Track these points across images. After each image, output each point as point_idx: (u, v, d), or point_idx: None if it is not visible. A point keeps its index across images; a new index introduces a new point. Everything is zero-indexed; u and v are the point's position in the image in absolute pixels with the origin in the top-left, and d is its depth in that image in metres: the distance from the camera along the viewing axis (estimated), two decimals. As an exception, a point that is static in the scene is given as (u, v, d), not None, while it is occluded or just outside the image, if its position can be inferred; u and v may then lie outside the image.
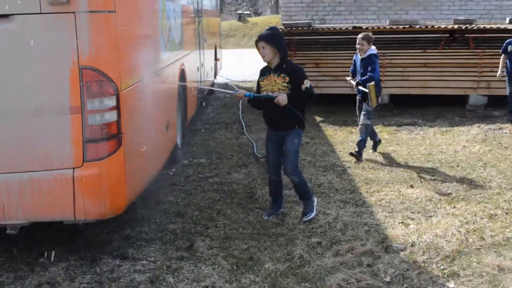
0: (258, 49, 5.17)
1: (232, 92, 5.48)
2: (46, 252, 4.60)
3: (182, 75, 7.44)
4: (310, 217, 5.33)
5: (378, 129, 9.25)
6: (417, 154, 7.78)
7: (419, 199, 5.86)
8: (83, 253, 4.68)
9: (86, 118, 4.12)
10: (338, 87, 10.83)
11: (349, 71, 10.91)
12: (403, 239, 4.85)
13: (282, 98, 5.00)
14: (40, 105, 4.10)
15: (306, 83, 5.06)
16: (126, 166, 4.43)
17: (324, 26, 12.15)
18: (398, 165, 7.26)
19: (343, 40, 11.14)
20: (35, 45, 4.04)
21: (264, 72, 5.26)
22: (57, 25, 4.02)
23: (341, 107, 10.93)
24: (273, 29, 5.25)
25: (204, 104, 10.81)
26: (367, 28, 11.10)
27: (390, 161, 7.47)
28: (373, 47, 7.58)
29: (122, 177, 4.39)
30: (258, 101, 5.30)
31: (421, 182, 6.49)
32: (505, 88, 10.30)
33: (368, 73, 7.35)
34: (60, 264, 4.46)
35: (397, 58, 10.76)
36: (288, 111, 5.07)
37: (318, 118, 10.35)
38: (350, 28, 11.15)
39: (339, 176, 6.79)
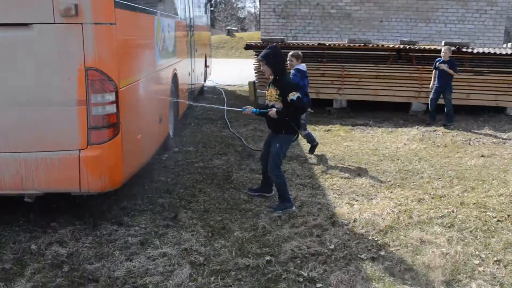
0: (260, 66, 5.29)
1: (241, 110, 5.33)
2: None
3: (175, 78, 7.40)
4: (274, 212, 5.03)
5: (336, 128, 9.38)
6: (366, 149, 7.84)
7: (364, 185, 5.96)
8: (87, 219, 4.71)
9: (90, 109, 4.15)
10: (305, 93, 10.96)
11: (314, 80, 11.06)
12: (347, 216, 4.94)
13: (272, 114, 4.97)
14: (53, 98, 4.13)
15: (291, 96, 4.86)
16: (123, 149, 4.45)
17: (295, 41, 12.17)
18: (350, 157, 7.30)
19: (310, 54, 11.11)
20: (49, 49, 4.07)
21: (269, 84, 5.21)
22: (67, 33, 4.04)
23: (307, 109, 11.05)
24: (270, 49, 5.09)
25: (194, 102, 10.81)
26: (329, 44, 11.16)
27: (343, 154, 7.51)
28: (303, 64, 7.23)
29: (119, 158, 4.42)
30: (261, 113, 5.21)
31: (367, 171, 6.57)
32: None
33: None
34: (68, 227, 4.51)
35: (353, 70, 10.78)
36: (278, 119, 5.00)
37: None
38: (315, 44, 11.19)
39: (301, 164, 6.85)
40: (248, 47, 11.70)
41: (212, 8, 21.41)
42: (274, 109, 4.99)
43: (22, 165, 4.19)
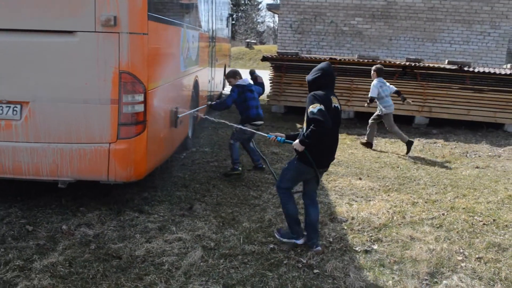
0: None
1: (268, 135, 4.52)
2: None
3: (196, 84, 7.68)
4: (276, 235, 4.42)
5: (342, 136, 9.58)
6: (369, 156, 8.03)
7: (364, 188, 6.17)
8: (112, 206, 5.01)
9: (121, 108, 4.46)
10: (315, 103, 11.19)
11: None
12: (346, 214, 5.17)
13: (296, 145, 4.05)
14: (89, 96, 4.43)
15: (312, 107, 3.90)
16: (148, 145, 4.73)
17: (308, 55, 12.42)
18: (354, 163, 7.51)
19: (322, 67, 11.42)
20: (89, 53, 4.38)
21: None
22: (106, 41, 4.36)
23: (317, 118, 11.28)
24: (321, 65, 4.24)
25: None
26: (340, 59, 11.41)
27: (347, 160, 7.72)
28: (246, 78, 6.58)
29: (144, 152, 4.69)
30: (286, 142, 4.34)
31: (368, 176, 6.76)
32: (443, 112, 10.70)
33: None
34: (95, 212, 4.81)
35: (361, 84, 10.96)
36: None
37: (298, 125, 10.58)
38: (327, 58, 11.44)
39: (308, 168, 7.09)
40: (264, 59, 11.98)
41: (233, 22, 21.77)
42: (297, 141, 4.07)
43: (58, 155, 4.50)
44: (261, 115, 6.44)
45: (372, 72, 8.66)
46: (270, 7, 21.27)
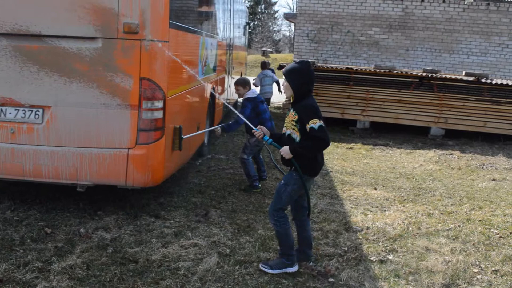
0: None
1: (255, 129, 4.04)
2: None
3: (213, 92, 7.79)
4: (264, 268, 3.93)
5: (357, 146, 9.58)
6: (384, 167, 8.00)
7: (379, 198, 6.15)
8: (129, 210, 5.06)
9: (141, 113, 4.51)
10: (331, 112, 11.18)
11: (340, 101, 11.30)
12: (361, 223, 5.16)
13: (285, 152, 3.72)
14: (110, 101, 4.50)
15: (312, 123, 3.58)
16: (165, 151, 4.79)
17: (324, 65, 12.45)
18: (369, 173, 7.49)
19: (338, 77, 11.41)
20: (111, 59, 4.46)
21: (289, 107, 3.95)
22: (128, 47, 4.43)
23: (331, 127, 11.23)
24: (296, 64, 3.84)
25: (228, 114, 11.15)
26: (356, 69, 11.42)
27: (363, 170, 7.70)
28: (254, 89, 6.30)
29: (162, 158, 4.74)
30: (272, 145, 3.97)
31: (383, 186, 6.75)
32: (459, 124, 10.62)
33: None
34: (112, 216, 4.86)
35: (378, 94, 10.96)
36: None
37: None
38: (344, 68, 11.47)
39: (323, 177, 7.05)
40: (281, 67, 12.01)
41: (250, 30, 21.90)
42: (287, 147, 3.72)
43: (78, 159, 4.57)
44: (274, 126, 6.24)
45: None
46: (287, 16, 21.37)
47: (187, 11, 5.90)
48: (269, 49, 38.05)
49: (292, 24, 32.59)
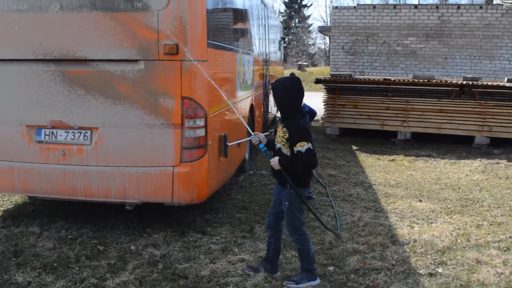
0: None
1: (253, 135, 4.04)
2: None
3: (251, 108, 7.87)
4: (290, 285, 3.95)
5: (399, 158, 9.45)
6: (428, 178, 7.86)
7: (425, 210, 6.05)
8: (176, 227, 5.17)
9: (184, 132, 4.63)
10: (371, 124, 11.12)
11: (379, 112, 11.19)
12: (408, 236, 5.10)
13: (274, 162, 3.79)
14: (154, 121, 4.64)
15: (300, 146, 3.62)
16: (209, 168, 4.89)
17: (361, 77, 12.39)
18: (413, 185, 7.37)
19: (376, 88, 11.33)
20: (153, 80, 4.61)
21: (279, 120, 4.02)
22: (168, 68, 4.57)
23: (372, 139, 11.18)
24: (284, 80, 3.86)
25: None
26: (394, 80, 11.32)
27: (406, 182, 7.59)
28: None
29: (206, 175, 4.85)
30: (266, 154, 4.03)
31: (428, 198, 6.64)
32: (504, 132, 10.35)
33: None
34: (160, 233, 4.98)
35: (418, 104, 10.82)
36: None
37: (354, 147, 10.56)
38: (381, 79, 11.40)
39: (366, 190, 7.02)
40: (318, 81, 12.06)
41: (285, 45, 22.07)
42: (276, 158, 3.78)
43: (126, 178, 4.73)
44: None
45: None
46: (321, 30, 21.43)
47: (224, 30, 6.04)
48: (305, 63, 38.12)
49: (327, 37, 32.61)
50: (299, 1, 55.51)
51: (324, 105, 11.86)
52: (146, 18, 4.53)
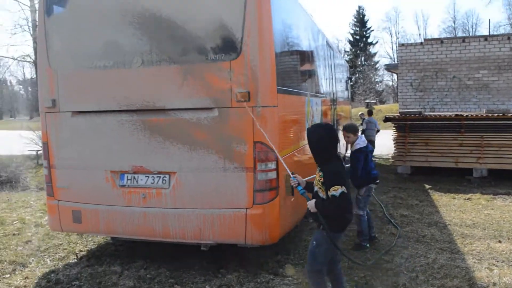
0: None
1: (292, 177, 4.20)
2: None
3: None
4: None
5: (476, 196, 9.11)
6: (508, 217, 7.52)
7: (505, 252, 5.81)
8: (248, 268, 5.28)
9: (256, 175, 4.80)
10: (444, 162, 10.86)
11: (453, 149, 10.87)
12: (486, 279, 4.91)
13: (310, 205, 3.90)
14: (228, 165, 4.87)
15: (333, 190, 3.72)
16: (280, 210, 5.01)
17: (432, 113, 12.17)
18: (491, 225, 7.10)
19: (447, 125, 11.10)
20: (226, 126, 4.85)
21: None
22: (241, 115, 4.80)
23: (446, 177, 10.87)
24: (316, 126, 4.16)
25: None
26: (467, 115, 11.04)
27: (484, 221, 7.31)
28: (362, 136, 6.15)
29: (277, 216, 4.96)
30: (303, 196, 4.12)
31: (508, 239, 6.35)
32: None
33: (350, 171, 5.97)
34: (234, 273, 5.11)
35: (493, 139, 10.47)
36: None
37: (426, 186, 10.32)
38: (453, 115, 11.15)
39: (440, 230, 6.83)
40: (387, 119, 11.99)
41: (351, 83, 22.12)
42: (313, 201, 3.90)
43: (201, 219, 4.95)
44: (378, 174, 6.30)
45: None
46: (388, 68, 21.32)
47: (292, 74, 6.26)
48: (372, 101, 37.86)
49: (395, 74, 32.27)
50: (364, 39, 55.67)
51: (394, 143, 11.74)
52: (220, 69, 4.82)
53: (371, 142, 14.04)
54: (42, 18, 5.51)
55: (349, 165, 6.10)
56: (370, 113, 15.33)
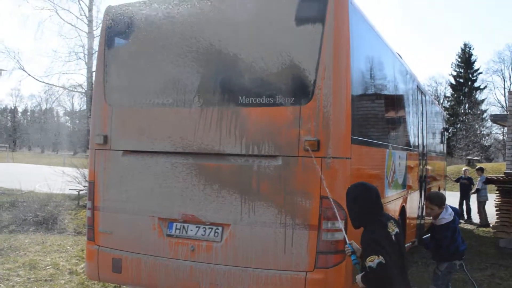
0: None
1: (348, 244, 4.44)
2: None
3: (402, 211, 7.92)
4: None
5: None
6: None
7: None
8: None
9: (321, 234, 4.92)
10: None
11: None
12: None
13: (358, 280, 4.17)
14: (288, 220, 5.03)
15: (370, 261, 3.93)
16: (346, 276, 5.05)
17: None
18: None
19: None
20: (291, 177, 5.03)
21: None
22: (308, 165, 4.97)
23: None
24: (350, 187, 4.50)
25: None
26: None
27: None
28: (450, 210, 6.16)
29: (342, 284, 5.02)
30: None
31: None
32: None
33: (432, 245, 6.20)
34: None
35: None
36: None
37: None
38: None
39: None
40: (488, 181, 11.81)
41: (449, 135, 21.85)
42: (360, 276, 4.16)
43: (254, 280, 5.11)
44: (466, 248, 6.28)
45: None
46: (495, 119, 20.77)
47: (371, 124, 6.44)
48: (475, 157, 36.87)
49: (505, 128, 31.35)
50: (469, 83, 54.54)
51: (496, 210, 11.50)
52: (288, 113, 5.06)
53: (482, 204, 14.96)
54: (102, 49, 6.10)
55: (429, 235, 6.16)
56: (481, 170, 15.83)
